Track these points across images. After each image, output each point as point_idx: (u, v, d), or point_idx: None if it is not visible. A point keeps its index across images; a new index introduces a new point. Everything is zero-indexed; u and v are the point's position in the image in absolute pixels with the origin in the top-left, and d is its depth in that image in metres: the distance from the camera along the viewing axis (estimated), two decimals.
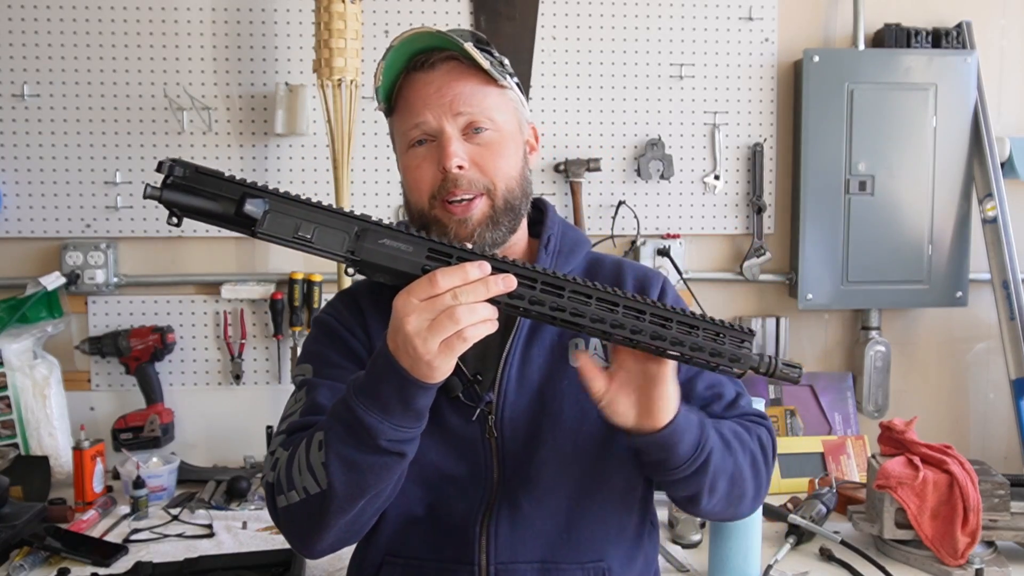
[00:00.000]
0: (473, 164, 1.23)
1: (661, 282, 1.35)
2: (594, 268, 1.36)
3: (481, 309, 0.98)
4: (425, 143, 1.24)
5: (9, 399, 2.18)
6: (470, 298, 0.98)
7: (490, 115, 1.24)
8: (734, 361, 1.05)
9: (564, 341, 1.28)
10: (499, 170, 1.24)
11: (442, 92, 1.22)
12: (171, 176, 1.01)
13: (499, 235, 1.25)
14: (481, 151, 1.23)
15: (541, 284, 1.03)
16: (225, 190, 1.02)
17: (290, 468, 1.13)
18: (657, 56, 2.48)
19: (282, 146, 2.41)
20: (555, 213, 1.38)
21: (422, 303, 0.98)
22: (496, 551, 1.23)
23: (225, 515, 2.01)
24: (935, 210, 2.48)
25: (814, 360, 2.60)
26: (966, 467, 1.72)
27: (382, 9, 2.41)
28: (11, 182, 2.35)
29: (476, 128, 1.23)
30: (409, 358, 0.99)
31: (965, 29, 2.49)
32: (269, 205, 1.01)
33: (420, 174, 1.24)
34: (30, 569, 1.71)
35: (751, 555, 1.65)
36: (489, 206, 1.24)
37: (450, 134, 1.22)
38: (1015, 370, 2.44)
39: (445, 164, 1.21)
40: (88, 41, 2.34)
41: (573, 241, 1.36)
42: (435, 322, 0.97)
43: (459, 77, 1.23)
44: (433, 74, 1.23)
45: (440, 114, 1.22)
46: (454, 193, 1.22)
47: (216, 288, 2.39)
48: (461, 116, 1.22)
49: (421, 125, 1.23)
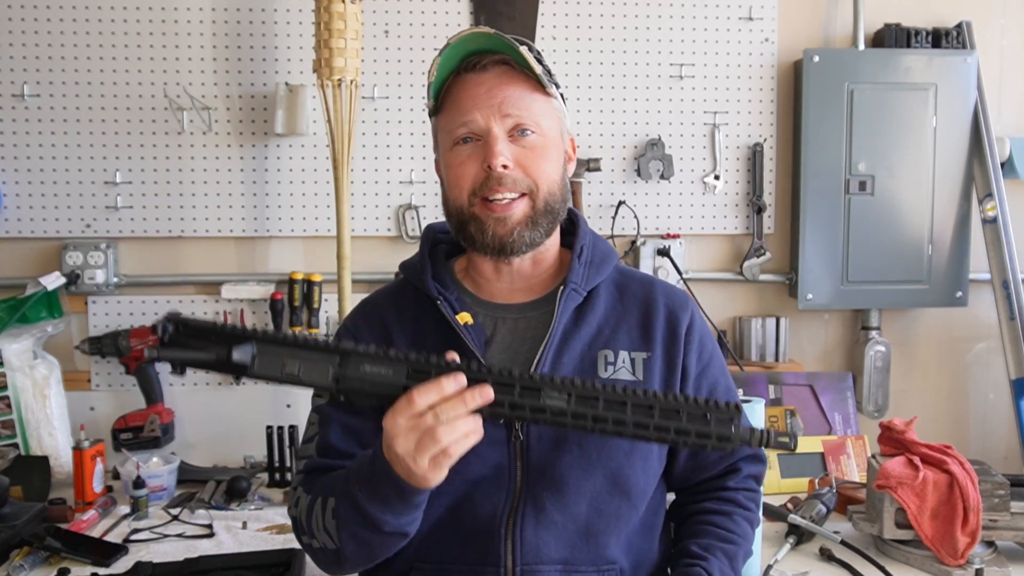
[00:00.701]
0: (517, 164, 1.25)
1: (690, 309, 1.36)
2: (623, 283, 1.37)
3: (461, 425, 1.03)
4: (471, 141, 1.26)
5: (9, 399, 2.18)
6: (450, 414, 1.02)
7: (536, 120, 1.26)
8: (723, 440, 1.06)
9: (594, 353, 1.30)
10: (542, 172, 1.26)
11: (492, 93, 1.24)
12: (166, 335, 1.07)
13: (537, 235, 1.28)
14: (526, 153, 1.25)
15: (520, 388, 1.05)
16: (215, 339, 1.07)
17: (310, 519, 1.22)
18: (657, 56, 2.48)
19: (282, 146, 2.41)
20: (586, 225, 1.39)
21: (407, 423, 1.03)
22: (522, 552, 1.24)
23: (225, 515, 2.01)
24: (935, 210, 2.48)
25: (814, 360, 2.60)
26: (966, 467, 1.72)
27: (382, 9, 2.41)
28: (11, 182, 2.35)
29: (522, 130, 1.25)
30: (404, 471, 1.06)
31: (965, 29, 2.49)
32: (256, 349, 1.07)
33: (463, 171, 1.26)
34: (30, 569, 1.71)
35: (751, 555, 1.65)
36: (530, 207, 1.26)
37: (497, 134, 1.24)
38: (1015, 370, 2.44)
39: (491, 162, 1.23)
40: (88, 41, 2.35)
41: (603, 253, 1.37)
42: (420, 442, 1.03)
43: (510, 80, 1.25)
44: (484, 75, 1.25)
45: (489, 114, 1.24)
46: (497, 191, 1.24)
47: (216, 288, 2.39)
48: (509, 118, 1.24)
49: (469, 124, 1.25)
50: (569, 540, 1.25)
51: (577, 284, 1.31)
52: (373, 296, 1.42)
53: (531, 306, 1.33)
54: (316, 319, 2.39)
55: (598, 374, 1.28)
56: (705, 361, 1.34)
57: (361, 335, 1.33)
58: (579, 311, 1.32)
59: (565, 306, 1.29)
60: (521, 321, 1.32)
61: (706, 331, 1.37)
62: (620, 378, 1.28)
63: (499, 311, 1.33)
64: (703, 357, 1.34)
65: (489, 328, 1.31)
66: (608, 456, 1.26)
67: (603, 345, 1.30)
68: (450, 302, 1.30)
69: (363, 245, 2.42)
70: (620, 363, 1.29)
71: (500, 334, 1.31)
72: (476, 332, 1.29)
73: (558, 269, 1.36)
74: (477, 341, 1.28)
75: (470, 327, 1.28)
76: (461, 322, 1.28)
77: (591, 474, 1.25)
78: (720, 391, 1.35)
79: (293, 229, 2.42)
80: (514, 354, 1.29)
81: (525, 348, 1.29)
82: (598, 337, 1.31)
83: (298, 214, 2.42)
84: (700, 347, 1.34)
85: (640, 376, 1.29)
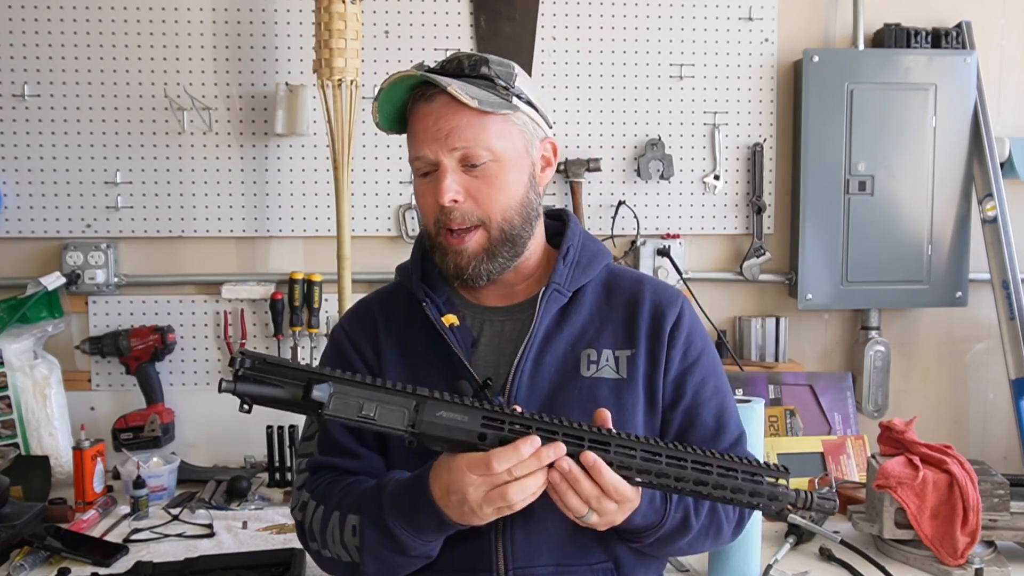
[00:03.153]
0: (468, 197, 1.25)
1: (679, 306, 1.35)
2: (612, 283, 1.37)
3: (531, 485, 1.08)
4: (429, 173, 1.27)
5: (9, 399, 2.18)
6: (523, 471, 1.07)
7: (489, 145, 1.24)
8: (772, 500, 1.12)
9: (577, 352, 1.30)
10: (495, 203, 1.26)
11: (439, 125, 1.24)
12: (241, 368, 1.08)
13: (496, 267, 1.29)
14: (478, 184, 1.25)
15: (588, 443, 1.10)
16: (291, 377, 1.09)
17: (324, 530, 1.25)
18: (657, 56, 2.48)
19: (282, 146, 2.41)
20: (577, 225, 1.39)
21: (482, 478, 1.08)
22: (513, 556, 1.24)
23: (225, 515, 2.01)
24: (935, 210, 2.47)
25: (814, 360, 2.60)
26: (966, 467, 1.72)
27: (382, 9, 2.41)
28: (11, 182, 2.35)
29: (471, 163, 1.24)
30: (461, 514, 1.11)
31: (965, 29, 2.49)
32: (333, 388, 1.08)
33: (424, 202, 1.29)
34: (30, 569, 1.71)
35: (751, 555, 1.65)
36: (485, 238, 1.27)
37: (445, 167, 1.24)
38: (1015, 370, 2.44)
39: (439, 199, 1.24)
40: (88, 41, 2.35)
41: (592, 253, 1.37)
42: (489, 495, 1.09)
43: (457, 109, 1.23)
44: (431, 105, 1.25)
45: (437, 148, 1.24)
46: (450, 224, 1.25)
47: (216, 288, 2.39)
48: (456, 151, 1.24)
49: (422, 159, 1.26)
50: (559, 540, 1.25)
51: (560, 285, 1.31)
52: (366, 299, 1.44)
53: (517, 308, 1.34)
54: (316, 319, 2.39)
55: (580, 374, 1.28)
56: (691, 360, 1.33)
57: (352, 331, 1.37)
58: (563, 311, 1.32)
59: (547, 307, 1.30)
60: (508, 323, 1.33)
61: (697, 330, 1.36)
62: (604, 376, 1.29)
63: (486, 313, 1.34)
64: (688, 356, 1.33)
65: (476, 330, 1.33)
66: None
67: (587, 345, 1.31)
68: (437, 305, 1.32)
69: (363, 245, 2.42)
70: (604, 362, 1.29)
71: (487, 335, 1.33)
72: (462, 334, 1.30)
73: (547, 270, 1.36)
74: (463, 342, 1.29)
75: (456, 329, 1.30)
76: (447, 324, 1.30)
77: None
78: (707, 392, 1.33)
79: (293, 229, 2.42)
80: (499, 355, 1.31)
81: (509, 349, 1.30)
82: (582, 337, 1.31)
83: (298, 214, 2.42)
84: (686, 345, 1.33)
85: (624, 374, 1.29)
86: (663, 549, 1.29)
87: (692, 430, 1.31)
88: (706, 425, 1.31)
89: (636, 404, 1.29)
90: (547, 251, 1.38)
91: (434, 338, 1.31)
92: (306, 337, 2.41)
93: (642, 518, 1.19)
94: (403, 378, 1.29)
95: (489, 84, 1.26)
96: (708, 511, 1.28)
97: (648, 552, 1.29)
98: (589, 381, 1.28)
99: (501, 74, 1.27)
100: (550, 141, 1.34)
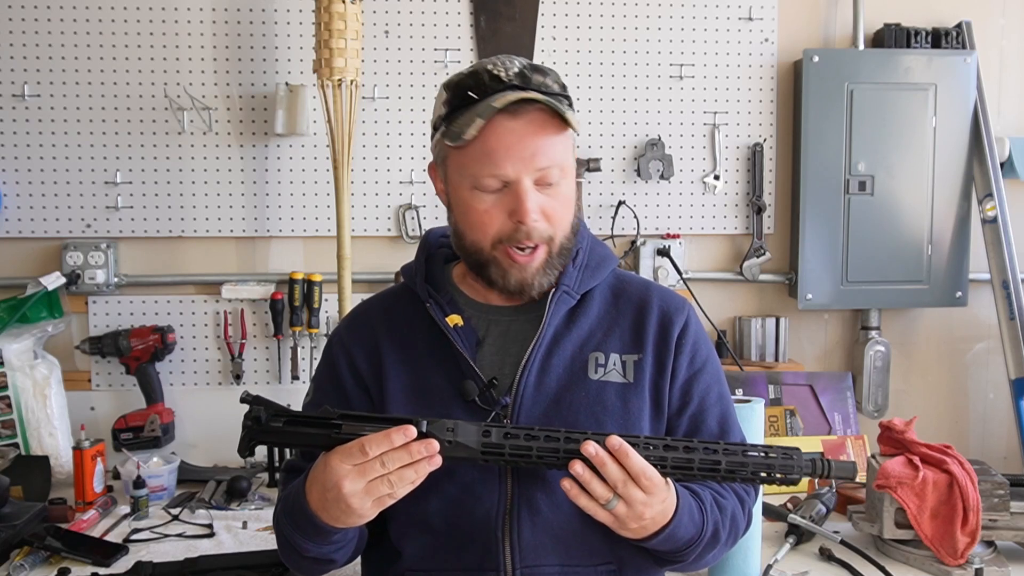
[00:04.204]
0: (542, 215, 1.24)
1: (685, 313, 1.36)
2: (619, 287, 1.38)
3: (408, 475, 1.11)
4: (499, 190, 1.24)
5: (9, 399, 2.18)
6: (394, 464, 1.10)
7: (561, 163, 1.24)
8: (788, 469, 1.15)
9: (585, 355, 1.30)
10: (563, 220, 1.27)
11: (525, 143, 1.21)
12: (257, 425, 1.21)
13: (550, 277, 1.29)
14: (552, 203, 1.25)
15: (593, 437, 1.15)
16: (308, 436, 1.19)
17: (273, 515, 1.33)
18: (657, 56, 2.48)
19: (282, 146, 2.41)
20: (586, 229, 1.39)
21: (355, 467, 1.11)
22: (520, 555, 1.24)
23: (225, 515, 2.01)
24: (935, 210, 2.48)
25: (814, 360, 2.60)
26: (966, 467, 1.72)
27: (382, 9, 2.41)
28: (11, 182, 2.35)
29: (548, 182, 1.24)
30: (342, 511, 1.13)
31: (965, 29, 2.49)
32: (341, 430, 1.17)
33: (488, 219, 1.24)
34: (30, 569, 1.71)
35: (751, 555, 1.65)
36: (547, 253, 1.26)
37: (527, 187, 1.22)
38: (1015, 370, 2.44)
39: (523, 219, 1.22)
40: (88, 41, 2.35)
41: (600, 257, 1.37)
42: (368, 487, 1.11)
43: (542, 128, 1.21)
44: (518, 122, 1.21)
45: (521, 168, 1.21)
46: (523, 243, 1.24)
47: (216, 288, 2.39)
48: (540, 171, 1.22)
49: (500, 176, 1.22)
50: (566, 539, 1.25)
51: (570, 287, 1.31)
52: (367, 302, 1.44)
53: (525, 309, 1.33)
54: (316, 319, 2.39)
55: (588, 377, 1.29)
56: (697, 367, 1.34)
57: (343, 341, 1.37)
58: (572, 314, 1.32)
59: (556, 308, 1.30)
60: (514, 323, 1.33)
61: (703, 338, 1.37)
62: (611, 380, 1.29)
63: (493, 313, 1.34)
64: (695, 363, 1.34)
65: (482, 330, 1.33)
66: None
67: (594, 348, 1.31)
68: (441, 305, 1.32)
69: (363, 245, 2.42)
70: (611, 365, 1.30)
71: (492, 335, 1.32)
72: (467, 334, 1.30)
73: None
74: (467, 342, 1.29)
75: (460, 329, 1.30)
76: (451, 324, 1.30)
77: None
78: (712, 399, 1.34)
79: (293, 229, 2.42)
80: (504, 355, 1.30)
81: (515, 349, 1.30)
82: (590, 340, 1.31)
83: (298, 214, 2.42)
84: (693, 352, 1.33)
85: (631, 378, 1.29)
86: (697, 564, 1.29)
87: (697, 435, 1.32)
88: (711, 431, 1.32)
89: (642, 409, 1.29)
90: None
91: (439, 339, 1.30)
92: (306, 337, 2.41)
93: (684, 531, 1.19)
94: (407, 381, 1.30)
95: (567, 101, 1.26)
96: (730, 519, 1.28)
97: (687, 569, 1.29)
98: (597, 384, 1.28)
99: (561, 85, 1.28)
100: None
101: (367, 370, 1.33)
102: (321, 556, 1.24)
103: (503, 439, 1.13)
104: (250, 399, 1.19)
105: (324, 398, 1.33)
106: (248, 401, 1.19)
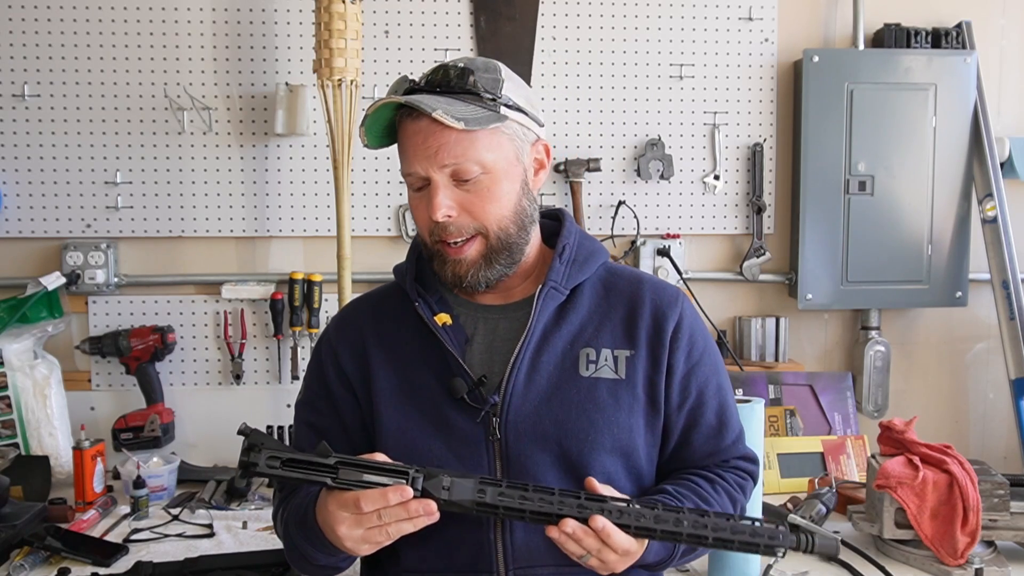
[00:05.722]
0: (462, 211, 1.25)
1: (679, 307, 1.35)
2: (610, 281, 1.37)
3: (405, 527, 1.13)
4: (422, 188, 1.27)
5: (9, 399, 2.18)
6: (390, 519, 1.12)
7: (478, 159, 1.24)
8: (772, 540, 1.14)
9: (576, 351, 1.30)
10: (489, 215, 1.26)
11: (428, 143, 1.23)
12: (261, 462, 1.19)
13: (494, 274, 1.29)
14: (471, 198, 1.25)
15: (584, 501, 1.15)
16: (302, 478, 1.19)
17: (275, 522, 1.38)
18: (657, 56, 2.48)
19: (282, 146, 2.41)
20: (572, 223, 1.39)
21: (352, 516, 1.14)
22: (514, 557, 1.25)
23: (225, 515, 2.01)
24: (935, 210, 2.48)
25: (814, 360, 2.60)
26: (966, 467, 1.72)
27: (382, 9, 2.41)
28: (11, 182, 2.35)
29: (463, 178, 1.24)
30: (340, 547, 1.17)
31: (965, 29, 2.49)
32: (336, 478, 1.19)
33: (419, 216, 1.29)
34: (30, 569, 1.71)
35: (751, 555, 1.65)
36: (484, 245, 1.27)
37: (437, 184, 1.24)
38: (1015, 370, 2.44)
39: (432, 215, 1.24)
40: (88, 41, 2.35)
41: (589, 251, 1.37)
42: (365, 535, 1.14)
43: (444, 125, 1.21)
44: (419, 123, 1.24)
45: (427, 165, 1.24)
46: (446, 237, 1.26)
47: (216, 288, 2.39)
48: (446, 167, 1.23)
49: (413, 175, 1.26)
50: None
51: (557, 283, 1.31)
52: (356, 301, 1.45)
53: (514, 306, 1.34)
54: (316, 319, 2.39)
55: (579, 372, 1.28)
56: (695, 360, 1.33)
57: (330, 343, 1.38)
58: (561, 309, 1.32)
59: (544, 305, 1.30)
60: (503, 321, 1.33)
61: (699, 329, 1.36)
62: (602, 376, 1.29)
63: (481, 311, 1.34)
64: (692, 356, 1.33)
65: (470, 328, 1.33)
66: (589, 460, 1.26)
67: (585, 343, 1.30)
68: (430, 304, 1.32)
69: (363, 245, 2.42)
70: (602, 361, 1.29)
71: (481, 333, 1.33)
72: (455, 332, 1.31)
73: (543, 269, 1.35)
74: (455, 340, 1.29)
75: (448, 327, 1.30)
76: (439, 323, 1.30)
77: (572, 476, 1.26)
78: (711, 391, 1.34)
79: (293, 229, 2.42)
80: (493, 353, 1.31)
81: (504, 347, 1.30)
82: (580, 335, 1.31)
83: (298, 214, 2.42)
84: (689, 346, 1.33)
85: (623, 374, 1.29)
86: (683, 561, 1.31)
87: (696, 428, 1.32)
88: (709, 423, 1.33)
89: (635, 405, 1.29)
90: (543, 251, 1.38)
91: (428, 338, 1.31)
92: (306, 337, 2.41)
93: (654, 555, 1.22)
94: (396, 380, 1.31)
95: (475, 98, 1.25)
96: None
97: (674, 566, 1.32)
98: (588, 381, 1.28)
99: (487, 84, 1.26)
100: (542, 143, 1.33)
101: (353, 370, 1.34)
102: (330, 564, 1.28)
103: (497, 499, 1.14)
104: (247, 432, 1.18)
105: (314, 397, 1.37)
106: (245, 435, 1.18)
